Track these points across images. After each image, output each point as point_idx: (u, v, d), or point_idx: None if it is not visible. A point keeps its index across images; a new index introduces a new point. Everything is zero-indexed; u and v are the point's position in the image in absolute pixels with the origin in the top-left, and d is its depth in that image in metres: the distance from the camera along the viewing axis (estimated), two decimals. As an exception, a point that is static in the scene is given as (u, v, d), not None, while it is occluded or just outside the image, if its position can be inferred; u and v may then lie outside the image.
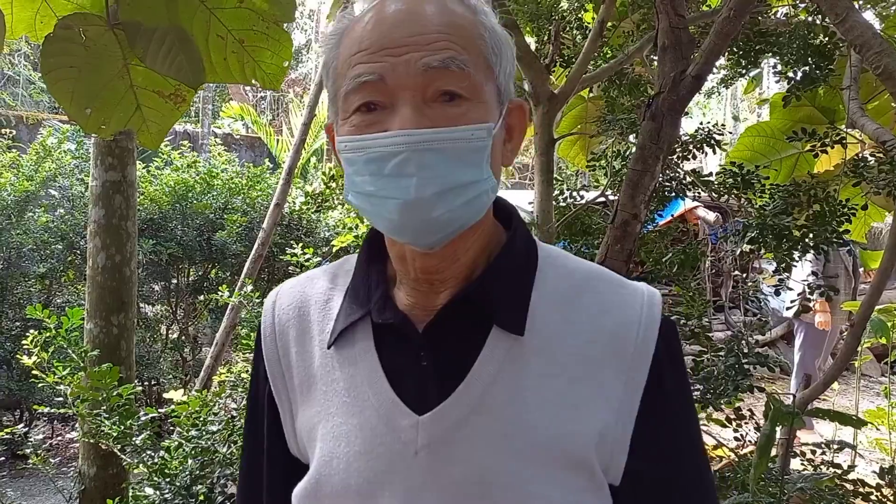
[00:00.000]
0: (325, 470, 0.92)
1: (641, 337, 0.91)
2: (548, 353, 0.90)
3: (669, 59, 1.80)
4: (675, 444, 0.92)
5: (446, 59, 0.85)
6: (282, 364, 1.00)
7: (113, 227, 3.86)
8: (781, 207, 2.46)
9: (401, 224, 0.86)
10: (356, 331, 0.95)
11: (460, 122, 0.85)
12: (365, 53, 0.87)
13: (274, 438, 1.02)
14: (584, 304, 0.93)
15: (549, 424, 0.87)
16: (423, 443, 0.88)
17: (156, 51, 1.77)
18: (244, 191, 7.55)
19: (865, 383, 9.03)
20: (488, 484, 0.86)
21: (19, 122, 13.61)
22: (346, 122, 0.89)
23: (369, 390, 0.92)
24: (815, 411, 2.24)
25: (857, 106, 2.79)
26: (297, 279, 1.07)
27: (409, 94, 0.85)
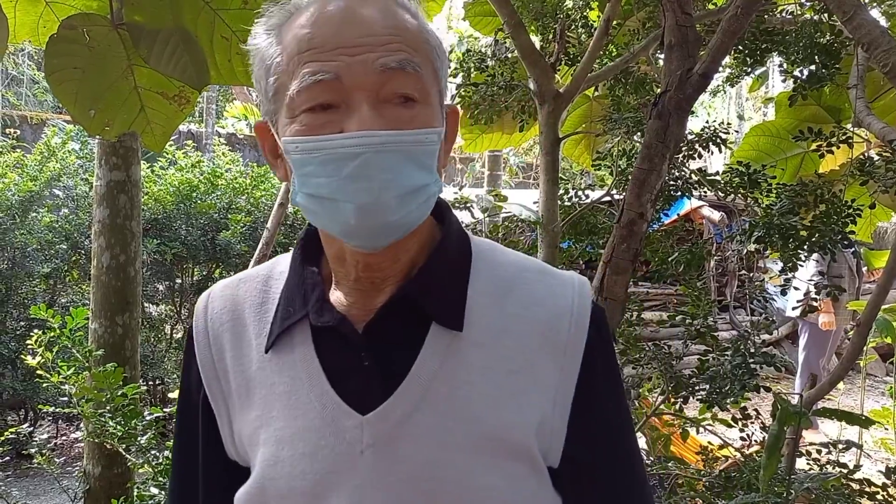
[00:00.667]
0: (270, 473, 0.91)
1: (574, 325, 0.93)
2: (486, 346, 0.91)
3: (676, 58, 1.79)
4: (609, 427, 0.96)
5: (402, 61, 0.85)
6: (216, 369, 0.99)
7: (117, 227, 3.86)
8: (788, 207, 2.45)
9: (357, 227, 0.85)
10: (294, 334, 0.95)
11: (414, 125, 0.85)
12: (317, 52, 0.84)
13: (210, 443, 1.00)
14: (517, 296, 0.95)
15: (491, 416, 0.89)
16: (368, 442, 0.88)
17: (160, 52, 1.76)
18: (248, 191, 7.55)
19: (871, 383, 9.01)
20: (435, 479, 0.87)
21: (23, 122, 13.63)
22: (293, 120, 0.86)
23: (311, 393, 0.91)
24: (822, 411, 2.23)
25: (864, 105, 2.77)
26: (228, 282, 1.06)
27: (365, 94, 0.84)
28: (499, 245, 1.03)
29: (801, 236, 2.43)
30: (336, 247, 0.93)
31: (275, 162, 0.95)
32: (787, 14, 3.46)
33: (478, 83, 3.57)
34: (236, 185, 7.52)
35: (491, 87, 3.50)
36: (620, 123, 3.14)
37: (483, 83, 3.54)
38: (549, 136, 3.08)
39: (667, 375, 2.55)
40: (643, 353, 2.80)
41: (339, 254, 0.93)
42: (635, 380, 2.82)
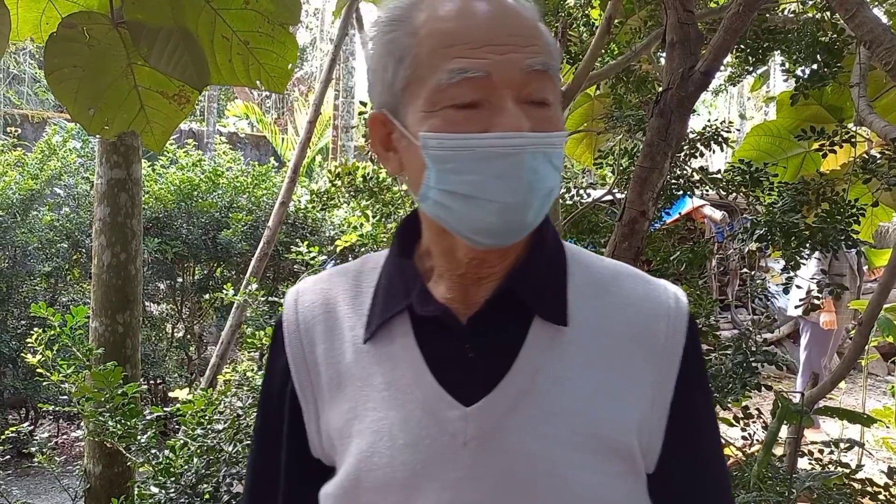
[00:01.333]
0: (366, 464, 0.91)
1: (672, 330, 0.95)
2: (585, 344, 0.92)
3: (678, 55, 1.79)
4: (702, 433, 0.98)
5: (545, 63, 0.87)
6: (307, 361, 0.99)
7: (118, 226, 3.86)
8: (790, 205, 2.45)
9: (497, 226, 0.86)
10: (393, 326, 0.95)
11: (551, 126, 0.87)
12: (466, 47, 0.84)
13: (294, 437, 1.00)
14: (613, 297, 0.96)
15: (592, 411, 0.90)
16: (471, 434, 0.88)
17: (160, 51, 1.76)
18: (249, 189, 7.55)
19: (872, 382, 9.01)
20: (536, 473, 0.87)
21: (24, 121, 13.64)
22: (432, 114, 0.85)
23: (413, 384, 0.91)
24: (824, 409, 2.23)
25: (866, 103, 2.77)
26: (317, 278, 1.06)
27: (510, 93, 0.84)
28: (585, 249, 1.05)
29: (803, 235, 2.42)
30: (447, 242, 0.93)
31: (386, 154, 0.95)
32: (788, 12, 3.45)
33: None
34: (237, 183, 7.52)
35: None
36: (622, 122, 3.14)
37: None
38: (550, 135, 3.07)
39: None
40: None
41: (450, 249, 0.93)
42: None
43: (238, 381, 3.00)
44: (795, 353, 10.24)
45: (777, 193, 2.63)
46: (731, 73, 4.04)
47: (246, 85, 1.96)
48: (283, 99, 19.64)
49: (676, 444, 0.94)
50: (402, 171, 0.94)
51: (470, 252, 0.91)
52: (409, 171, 0.92)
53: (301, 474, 1.00)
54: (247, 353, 6.20)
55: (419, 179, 0.89)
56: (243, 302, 4.08)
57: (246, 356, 7.43)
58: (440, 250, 0.95)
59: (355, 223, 3.98)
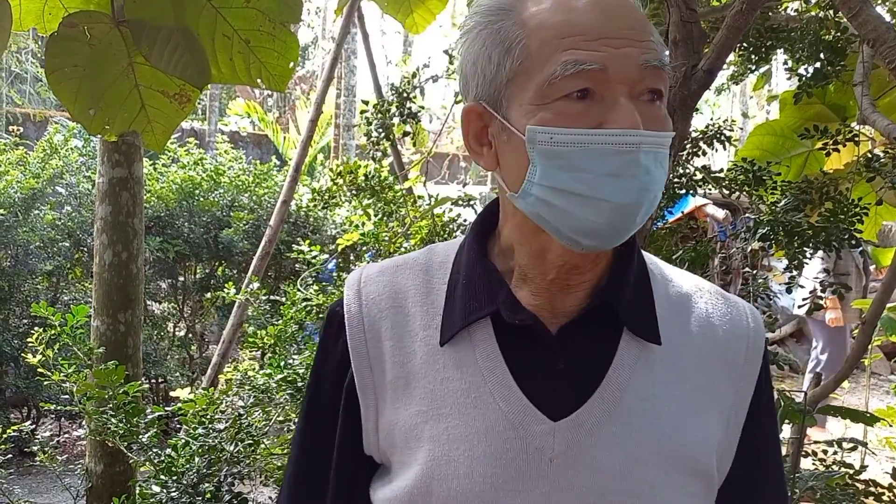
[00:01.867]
0: (440, 472, 0.87)
1: (751, 349, 0.95)
2: (671, 361, 0.91)
3: (681, 54, 1.78)
4: (771, 450, 0.99)
5: (661, 60, 0.85)
6: (370, 356, 0.94)
7: (119, 224, 3.85)
8: (793, 204, 2.44)
9: (604, 227, 0.83)
10: (473, 330, 0.91)
11: (662, 123, 0.85)
12: (581, 39, 0.82)
13: (347, 431, 0.96)
14: (696, 314, 0.95)
15: (677, 432, 0.88)
16: (559, 449, 0.85)
17: (161, 49, 1.75)
18: (251, 188, 7.55)
19: (875, 381, 8.99)
20: (624, 492, 0.85)
21: (26, 120, 13.65)
22: (542, 107, 0.82)
23: (496, 393, 0.88)
24: (828, 408, 2.22)
25: (869, 102, 2.76)
26: (381, 267, 1.00)
27: (625, 89, 0.82)
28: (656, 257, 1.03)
29: (806, 234, 2.41)
30: (540, 243, 0.89)
31: (479, 149, 0.91)
32: (792, 11, 3.44)
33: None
34: (239, 182, 7.52)
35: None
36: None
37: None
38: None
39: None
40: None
41: (542, 251, 0.89)
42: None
43: (239, 380, 2.99)
44: (798, 352, 10.24)
45: (780, 192, 2.62)
46: (733, 71, 4.04)
47: (247, 84, 1.95)
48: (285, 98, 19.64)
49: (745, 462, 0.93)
50: (497, 167, 0.90)
51: (564, 255, 0.88)
52: (508, 166, 0.88)
53: (354, 470, 0.97)
54: (248, 352, 6.21)
55: (520, 175, 0.85)
56: (245, 301, 4.08)
57: (247, 355, 7.44)
58: (530, 251, 0.91)
59: (357, 222, 3.98)
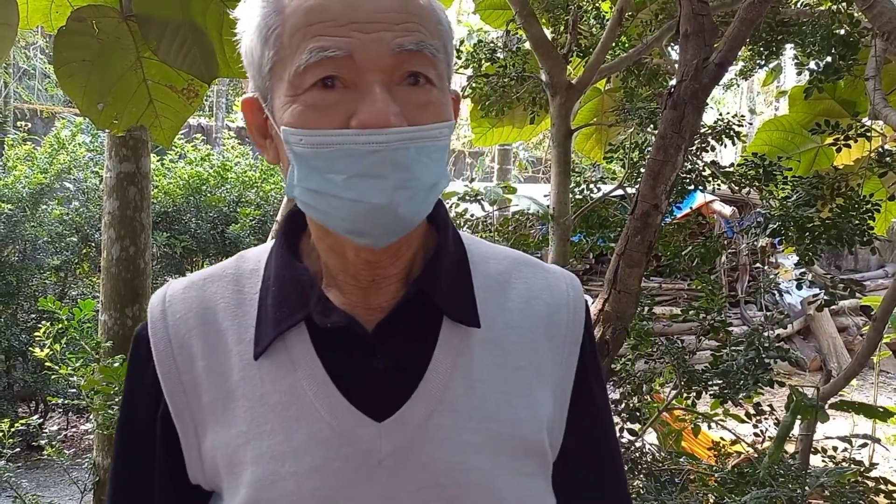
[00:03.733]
0: (267, 493, 0.81)
1: (571, 318, 0.93)
2: (492, 342, 0.88)
3: (692, 47, 1.76)
4: (601, 418, 0.97)
5: (420, 43, 0.78)
6: (182, 381, 0.86)
7: (127, 219, 3.86)
8: (804, 199, 2.42)
9: (366, 226, 0.79)
10: (287, 337, 0.85)
11: (428, 111, 0.79)
12: (328, 25, 0.76)
13: (168, 463, 0.88)
14: (515, 290, 0.92)
15: (505, 414, 0.85)
16: (387, 450, 0.82)
17: (169, 44, 1.75)
18: (257, 184, 7.56)
19: (883, 379, 8.96)
20: (459, 483, 0.82)
21: (34, 116, 13.68)
22: (294, 99, 0.78)
23: (316, 401, 0.83)
24: (841, 404, 2.21)
25: (881, 96, 2.73)
26: (187, 283, 0.93)
27: (378, 76, 0.77)
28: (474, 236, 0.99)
29: (817, 229, 2.39)
30: (332, 240, 0.85)
31: (263, 142, 0.87)
32: (803, 5, 3.42)
33: (489, 74, 3.55)
34: (246, 178, 7.53)
35: (502, 79, 3.47)
36: (633, 115, 3.11)
37: (494, 74, 3.52)
38: (560, 128, 3.06)
39: (679, 370, 2.52)
40: (656, 348, 2.77)
41: (338, 248, 0.85)
42: (647, 374, 2.80)
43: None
44: (805, 349, 10.22)
45: (791, 188, 2.60)
46: (742, 67, 4.01)
47: (255, 78, 1.94)
48: (292, 94, 19.63)
49: (577, 434, 0.91)
50: (279, 160, 0.86)
51: (356, 250, 0.83)
52: (283, 162, 0.84)
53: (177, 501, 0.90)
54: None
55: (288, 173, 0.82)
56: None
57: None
58: (326, 249, 0.87)
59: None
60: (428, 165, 0.79)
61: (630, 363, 2.86)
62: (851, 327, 10.66)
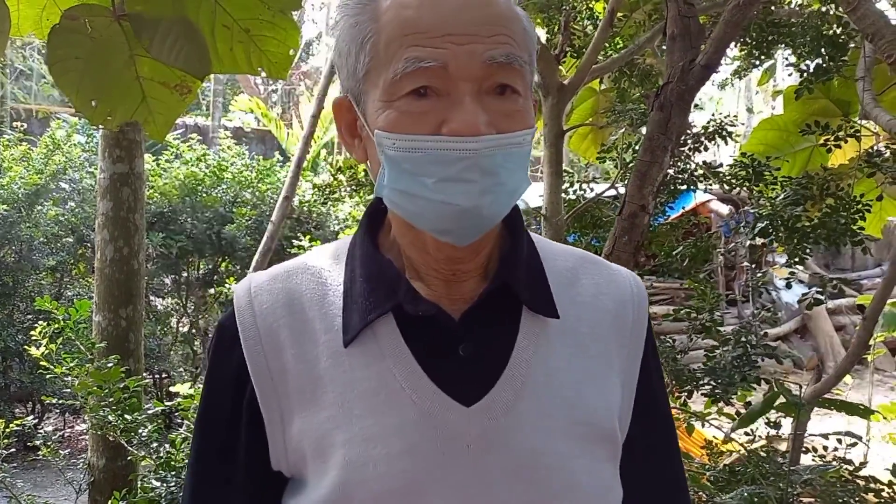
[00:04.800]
0: (358, 475, 0.84)
1: (636, 313, 0.97)
2: (568, 332, 0.92)
3: (678, 49, 1.77)
4: (662, 409, 1.02)
5: (510, 55, 0.82)
6: (271, 369, 0.90)
7: (121, 220, 3.86)
8: (793, 198, 2.44)
9: (451, 227, 0.84)
10: (376, 327, 0.89)
11: (515, 119, 0.84)
12: (424, 36, 0.81)
13: (253, 450, 0.91)
14: (583, 285, 0.96)
15: (581, 401, 0.90)
16: (475, 434, 0.85)
17: (162, 41, 1.75)
18: (254, 184, 7.56)
19: (880, 377, 8.98)
20: (542, 467, 0.86)
21: (30, 116, 13.67)
22: (388, 105, 0.83)
23: (406, 386, 0.87)
24: (822, 402, 2.22)
25: (871, 97, 2.75)
26: (272, 274, 0.97)
27: (469, 87, 0.81)
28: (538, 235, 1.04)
29: (805, 229, 2.41)
30: (414, 236, 0.90)
31: (352, 142, 0.92)
32: (794, 6, 3.43)
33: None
34: (242, 178, 7.53)
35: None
36: (625, 115, 3.13)
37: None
38: (553, 129, 3.07)
39: (668, 369, 2.53)
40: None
41: (419, 242, 0.90)
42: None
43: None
44: (802, 348, 10.23)
45: (780, 188, 2.61)
46: (737, 67, 4.03)
47: (248, 72, 1.95)
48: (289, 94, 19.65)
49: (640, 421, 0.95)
50: (367, 159, 0.91)
51: (440, 246, 0.88)
52: (372, 162, 0.89)
53: (260, 488, 0.93)
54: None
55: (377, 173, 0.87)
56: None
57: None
58: (410, 242, 0.91)
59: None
60: (512, 171, 0.83)
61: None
62: (849, 326, 10.68)
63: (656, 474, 0.99)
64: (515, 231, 0.95)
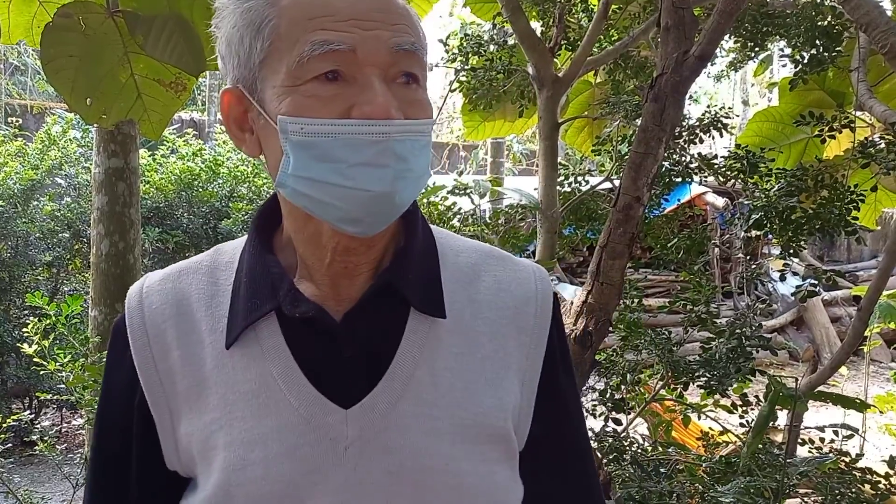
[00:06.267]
0: (237, 478, 0.84)
1: (539, 311, 0.95)
2: (460, 332, 0.91)
3: (672, 40, 1.77)
4: (569, 408, 0.99)
5: (414, 43, 0.83)
6: (158, 370, 0.89)
7: (116, 215, 3.86)
8: (787, 190, 2.44)
9: (363, 216, 0.82)
10: (258, 327, 0.88)
11: (419, 108, 0.84)
12: (331, 19, 0.80)
13: (145, 451, 0.91)
14: (483, 282, 0.95)
15: (471, 402, 0.88)
16: (353, 436, 0.84)
17: (156, 38, 1.76)
18: (250, 179, 7.56)
19: (875, 369, 9.00)
20: (423, 469, 0.85)
21: (25, 112, 13.64)
22: (293, 89, 0.80)
23: (285, 389, 0.86)
24: (817, 394, 2.23)
25: (866, 88, 2.75)
26: (164, 274, 0.96)
27: (378, 72, 0.81)
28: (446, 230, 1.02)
29: (800, 220, 2.41)
30: (311, 230, 0.87)
31: (241, 136, 0.88)
32: (788, -3, 3.43)
33: (476, 68, 3.55)
34: (238, 173, 7.53)
35: (489, 72, 3.48)
36: (619, 107, 3.12)
37: (481, 68, 3.53)
38: (547, 121, 3.07)
39: (664, 361, 2.54)
40: (643, 339, 2.78)
41: (315, 238, 0.88)
42: (631, 364, 2.81)
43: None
44: (798, 340, 10.26)
45: (775, 179, 2.62)
46: (733, 59, 4.03)
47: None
48: (285, 88, 19.59)
49: (544, 423, 0.94)
50: (261, 153, 0.88)
51: (335, 237, 0.86)
52: (268, 154, 0.86)
53: (155, 488, 0.92)
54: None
55: (277, 165, 0.83)
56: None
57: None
58: (305, 238, 0.89)
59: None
60: (419, 158, 0.83)
61: (617, 354, 2.87)
62: (844, 317, 10.70)
63: (563, 475, 0.97)
64: (411, 226, 0.93)
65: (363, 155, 0.79)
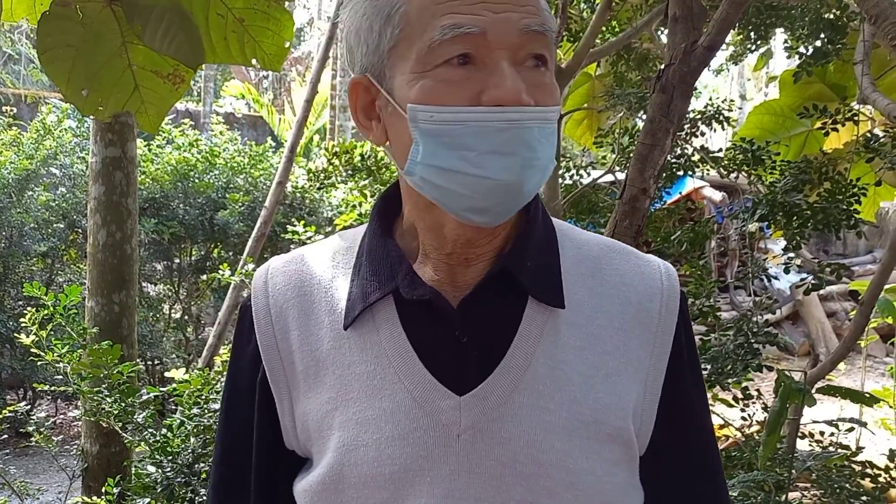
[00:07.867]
0: (350, 458, 0.85)
1: (665, 307, 0.91)
2: (580, 325, 0.88)
3: (680, 30, 1.75)
4: (695, 412, 0.95)
5: (543, 24, 0.81)
6: (279, 349, 0.92)
7: (113, 204, 3.83)
8: (792, 184, 2.42)
9: (490, 205, 0.81)
10: (376, 310, 0.89)
11: (547, 92, 0.82)
12: (461, 3, 0.79)
13: (266, 429, 0.94)
14: (606, 275, 0.92)
15: (589, 397, 0.86)
16: (466, 424, 0.84)
17: (155, 29, 1.73)
18: (246, 170, 7.53)
19: (871, 363, 9.01)
20: (535, 462, 0.83)
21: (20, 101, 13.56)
22: (424, 74, 0.80)
23: (399, 372, 0.86)
24: (827, 389, 2.22)
25: (869, 81, 2.73)
26: (289, 258, 0.99)
27: (507, 55, 0.79)
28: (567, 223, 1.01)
29: (805, 214, 2.40)
30: (434, 217, 0.87)
31: (368, 124, 0.88)
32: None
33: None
34: (234, 164, 7.50)
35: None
36: (622, 100, 3.11)
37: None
38: (549, 113, 3.05)
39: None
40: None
41: (436, 226, 0.87)
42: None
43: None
44: (794, 334, 10.28)
45: (779, 172, 2.60)
46: (733, 52, 4.01)
47: (242, 63, 1.92)
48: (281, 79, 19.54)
49: (668, 426, 0.90)
50: (387, 142, 0.88)
51: (458, 228, 0.85)
52: (395, 142, 0.86)
53: (274, 466, 0.95)
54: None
55: (405, 153, 0.83)
56: (240, 282, 4.06)
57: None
58: (426, 226, 0.89)
59: (353, 202, 3.96)
60: (546, 146, 0.81)
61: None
62: (840, 312, 10.73)
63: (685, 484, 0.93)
64: (531, 214, 0.92)
65: (492, 142, 0.78)
